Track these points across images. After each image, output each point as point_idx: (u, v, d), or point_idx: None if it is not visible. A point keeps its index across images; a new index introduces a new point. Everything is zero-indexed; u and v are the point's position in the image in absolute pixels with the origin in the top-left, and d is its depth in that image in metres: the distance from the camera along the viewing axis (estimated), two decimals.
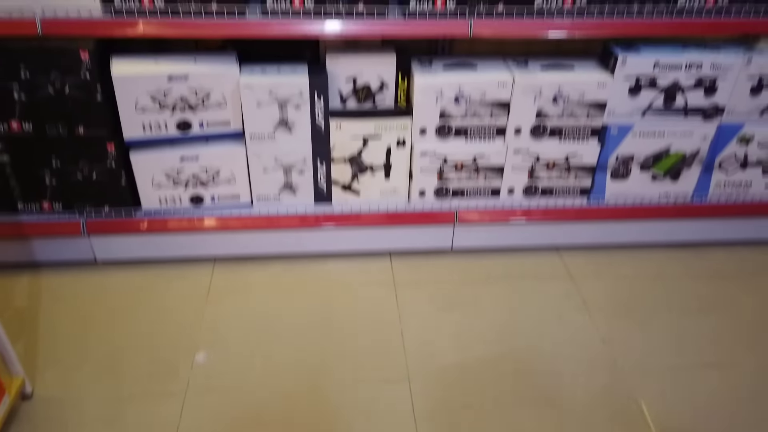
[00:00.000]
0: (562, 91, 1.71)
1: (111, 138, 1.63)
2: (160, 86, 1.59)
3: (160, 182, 1.73)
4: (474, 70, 1.73)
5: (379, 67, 1.71)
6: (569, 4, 1.60)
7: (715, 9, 1.63)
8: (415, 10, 1.58)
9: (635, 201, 1.92)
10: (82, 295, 1.76)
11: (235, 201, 1.82)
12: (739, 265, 1.97)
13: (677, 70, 1.69)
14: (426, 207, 1.88)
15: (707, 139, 1.81)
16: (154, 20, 1.51)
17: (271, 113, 1.68)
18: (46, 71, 1.53)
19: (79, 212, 1.74)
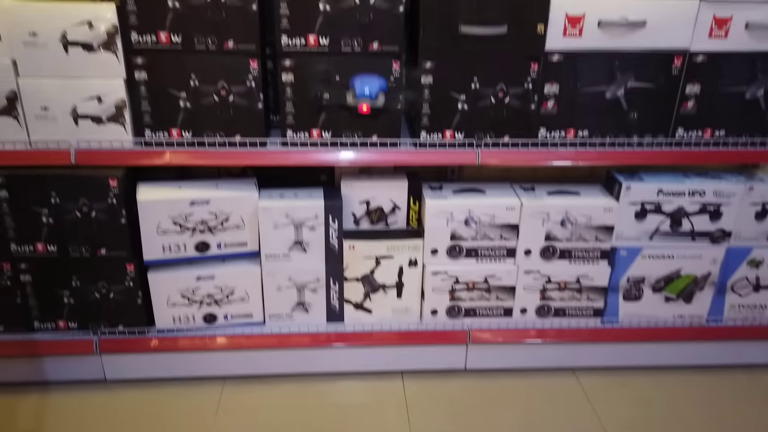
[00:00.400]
0: (569, 215, 1.75)
1: (131, 259, 1.68)
2: (183, 210, 1.66)
3: (175, 301, 1.76)
4: (483, 195, 1.79)
5: (391, 191, 1.79)
6: (572, 136, 1.69)
7: (713, 141, 1.70)
8: (425, 141, 1.67)
9: (649, 322, 1.90)
10: (89, 417, 1.72)
11: (248, 319, 1.83)
12: (760, 389, 1.90)
13: (681, 196, 1.74)
14: (438, 326, 1.88)
15: (717, 262, 1.82)
16: (181, 150, 1.61)
17: (287, 234, 1.73)
18: (75, 197, 1.61)
19: (93, 331, 1.76)
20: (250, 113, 1.61)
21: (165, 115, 1.59)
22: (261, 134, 1.63)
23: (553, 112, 1.67)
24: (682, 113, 1.68)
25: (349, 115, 1.61)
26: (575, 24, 1.57)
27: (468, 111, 1.65)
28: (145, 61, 1.54)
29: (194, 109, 1.59)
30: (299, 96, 1.60)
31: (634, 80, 1.64)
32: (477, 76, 1.61)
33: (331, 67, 1.57)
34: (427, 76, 1.61)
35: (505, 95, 1.64)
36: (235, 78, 1.57)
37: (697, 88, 1.65)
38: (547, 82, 1.63)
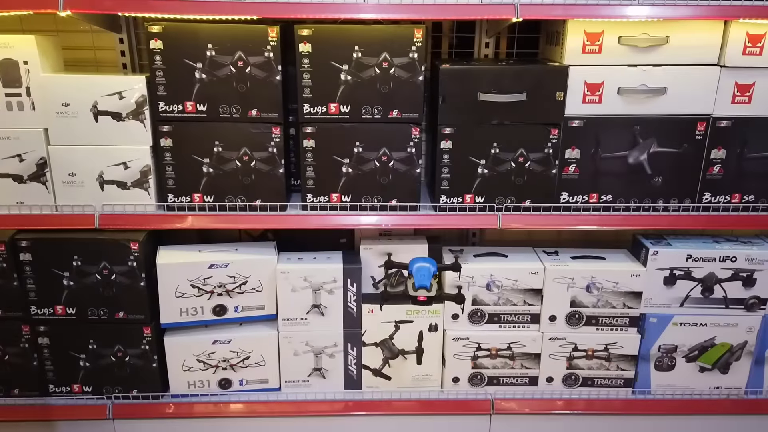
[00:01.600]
0: (595, 281, 1.70)
1: (149, 322, 1.68)
2: (201, 273, 1.66)
3: (191, 365, 1.73)
4: (505, 259, 1.75)
5: (411, 255, 1.76)
6: (595, 200, 1.66)
7: (742, 205, 1.66)
8: (445, 204, 1.66)
9: (684, 394, 1.80)
10: None
11: (264, 385, 1.78)
12: None
13: (711, 262, 1.68)
14: (460, 395, 1.80)
15: (754, 330, 1.74)
16: (203, 214, 1.62)
17: (305, 298, 1.71)
18: (97, 261, 1.62)
19: (107, 396, 1.73)
20: (272, 178, 1.63)
21: (188, 180, 1.62)
22: (282, 198, 1.65)
23: (574, 176, 1.65)
24: (708, 178, 1.64)
25: (369, 179, 1.63)
26: (594, 91, 1.58)
27: (488, 175, 1.64)
28: (171, 129, 1.58)
29: (217, 174, 1.61)
30: (320, 161, 1.62)
31: (657, 145, 1.62)
32: (497, 141, 1.62)
33: (351, 133, 1.60)
34: (447, 142, 1.62)
35: (525, 160, 1.63)
36: (257, 145, 1.60)
37: (723, 153, 1.62)
38: (568, 147, 1.63)
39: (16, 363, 1.70)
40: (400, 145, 1.62)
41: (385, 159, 1.63)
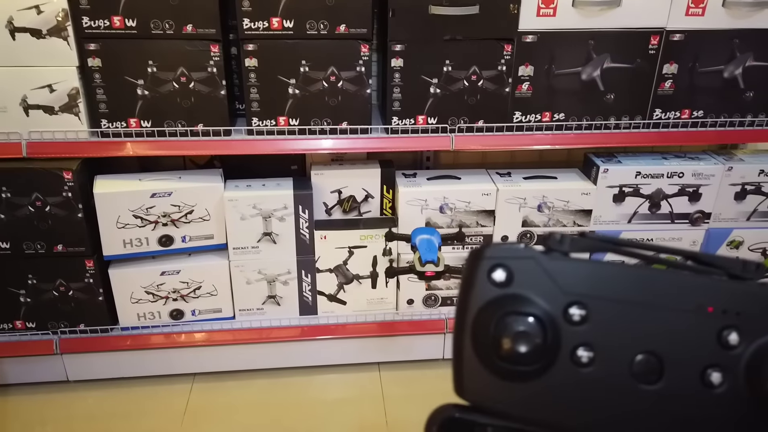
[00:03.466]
0: (546, 200, 1.71)
1: (90, 255, 1.61)
2: (144, 203, 1.58)
3: (139, 297, 1.69)
4: (458, 182, 1.74)
5: (363, 179, 1.73)
6: (548, 119, 1.64)
7: (691, 121, 1.67)
8: (397, 127, 1.61)
9: None
10: (52, 419, 1.66)
11: (217, 314, 1.76)
12: None
13: (659, 178, 1.71)
14: (415, 316, 1.83)
15: (697, 244, 1.80)
16: (141, 141, 1.53)
17: (256, 226, 1.66)
18: (28, 192, 1.53)
19: (52, 331, 1.68)
20: (213, 101, 1.53)
21: (122, 104, 1.51)
22: (225, 123, 1.56)
23: (528, 94, 1.62)
24: (660, 94, 1.64)
25: (317, 100, 1.55)
26: (549, 3, 1.51)
27: (441, 95, 1.59)
28: (98, 48, 1.46)
29: (153, 97, 1.51)
30: (264, 82, 1.53)
31: (610, 61, 1.59)
32: (449, 59, 1.56)
33: (296, 51, 1.51)
34: (398, 59, 1.55)
35: (478, 78, 1.58)
36: (195, 64, 1.49)
37: (675, 67, 1.61)
38: (522, 64, 1.58)
39: None
40: (348, 64, 1.54)
41: (334, 79, 1.55)
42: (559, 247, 0.32)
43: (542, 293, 0.31)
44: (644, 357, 0.30)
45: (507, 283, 0.31)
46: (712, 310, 0.30)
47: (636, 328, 0.30)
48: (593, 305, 0.31)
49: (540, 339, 0.30)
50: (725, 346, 0.29)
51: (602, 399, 0.30)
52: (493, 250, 0.32)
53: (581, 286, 0.31)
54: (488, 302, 0.31)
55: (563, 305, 0.31)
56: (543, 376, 0.30)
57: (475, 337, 0.31)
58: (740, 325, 0.29)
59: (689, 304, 0.30)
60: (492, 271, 0.32)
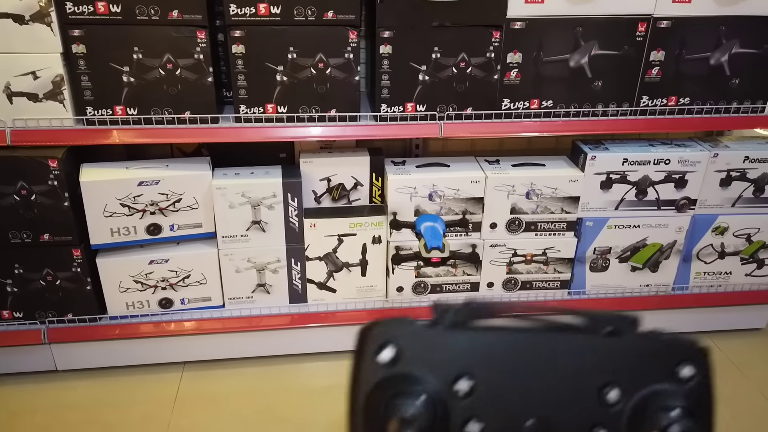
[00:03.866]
0: (535, 187, 1.72)
1: (77, 244, 1.60)
2: (131, 191, 1.57)
3: (127, 286, 1.68)
4: (447, 169, 1.74)
5: (353, 167, 1.72)
6: (536, 106, 1.65)
7: (677, 108, 1.68)
8: (386, 114, 1.61)
9: (616, 293, 1.89)
10: (41, 409, 1.65)
11: (206, 303, 1.76)
12: (726, 355, 1.92)
13: (646, 165, 1.72)
14: (405, 303, 1.84)
15: (683, 230, 1.81)
16: (128, 128, 1.52)
17: (244, 214, 1.66)
18: (13, 181, 1.51)
19: (40, 321, 1.67)
20: (200, 88, 1.52)
21: (108, 91, 1.49)
22: (212, 110, 1.55)
23: (516, 82, 1.62)
24: (647, 81, 1.65)
25: (305, 87, 1.55)
26: None
27: (429, 82, 1.59)
28: (82, 34, 1.44)
29: (139, 84, 1.49)
30: (251, 69, 1.52)
31: (598, 48, 1.59)
32: (438, 46, 1.55)
33: (283, 37, 1.49)
34: (386, 46, 1.55)
35: (467, 65, 1.58)
36: (181, 51, 1.48)
37: (662, 54, 1.62)
38: (510, 51, 1.58)
39: None
40: (337, 51, 1.53)
41: (322, 66, 1.54)
42: (444, 319, 0.31)
43: (430, 369, 0.30)
44: (533, 423, 0.30)
45: (394, 362, 0.31)
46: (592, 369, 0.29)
47: (523, 394, 0.30)
48: (480, 376, 0.30)
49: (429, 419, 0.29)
50: (606, 404, 0.30)
51: None
52: (380, 328, 0.31)
53: (467, 357, 0.30)
54: (377, 384, 0.31)
55: (451, 379, 0.30)
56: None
57: (367, 420, 0.31)
58: (618, 381, 0.30)
59: (570, 366, 0.30)
60: (379, 351, 0.31)
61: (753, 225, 1.83)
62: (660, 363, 0.30)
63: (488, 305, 0.30)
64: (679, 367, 0.31)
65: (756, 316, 2.01)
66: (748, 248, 1.86)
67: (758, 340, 2.00)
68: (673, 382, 0.30)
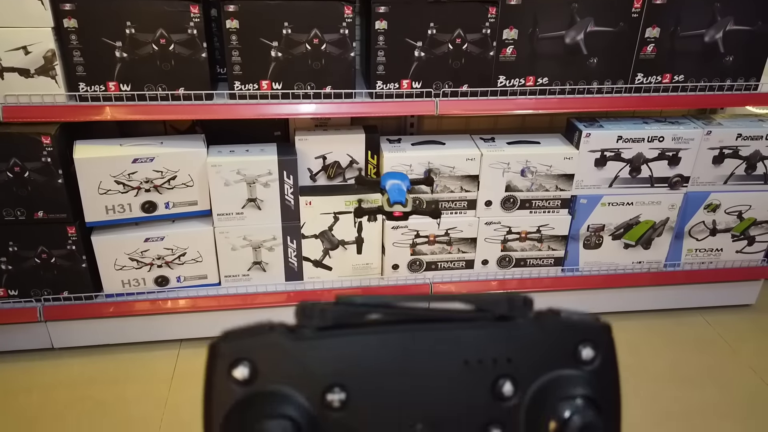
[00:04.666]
0: (529, 165, 1.72)
1: (72, 221, 1.59)
2: (125, 169, 1.56)
3: (123, 264, 1.68)
4: (442, 147, 1.74)
5: (347, 145, 1.72)
6: (531, 83, 1.64)
7: (672, 86, 1.68)
8: (381, 91, 1.60)
9: (609, 269, 1.91)
10: (38, 386, 1.66)
11: (202, 281, 1.76)
12: (717, 331, 1.95)
13: (640, 143, 1.73)
14: (400, 281, 1.85)
15: (675, 207, 1.83)
16: (121, 105, 1.50)
17: (240, 192, 1.66)
18: (6, 158, 1.49)
19: (36, 298, 1.67)
20: (194, 64, 1.51)
21: (100, 67, 1.48)
22: (206, 87, 1.54)
23: (512, 58, 1.61)
24: (642, 58, 1.65)
25: (300, 64, 1.54)
26: None
27: (425, 59, 1.58)
28: (74, 8, 1.42)
29: (132, 60, 1.48)
30: (246, 45, 1.51)
31: (593, 24, 1.59)
32: (433, 21, 1.54)
33: (277, 12, 1.48)
34: (382, 22, 1.54)
35: (463, 42, 1.57)
36: (175, 26, 1.46)
37: (657, 31, 1.62)
38: (506, 27, 1.58)
39: None
40: (331, 26, 1.52)
41: (317, 42, 1.53)
42: (308, 322, 0.27)
43: (293, 383, 0.27)
44: (419, 429, 0.26)
45: (251, 380, 0.27)
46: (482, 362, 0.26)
47: (405, 399, 0.26)
48: (353, 385, 0.26)
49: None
50: (501, 398, 0.26)
51: None
52: (231, 343, 0.27)
53: (337, 365, 0.27)
54: (233, 407, 0.27)
55: (320, 392, 0.27)
56: None
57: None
58: (513, 373, 0.27)
59: (457, 360, 0.27)
60: (233, 368, 0.27)
61: (745, 202, 1.84)
62: (558, 346, 0.27)
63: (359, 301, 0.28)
64: (578, 349, 0.27)
65: (746, 292, 2.04)
66: (739, 225, 1.88)
67: (748, 315, 2.04)
68: (573, 367, 0.27)
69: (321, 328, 0.28)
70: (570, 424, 0.24)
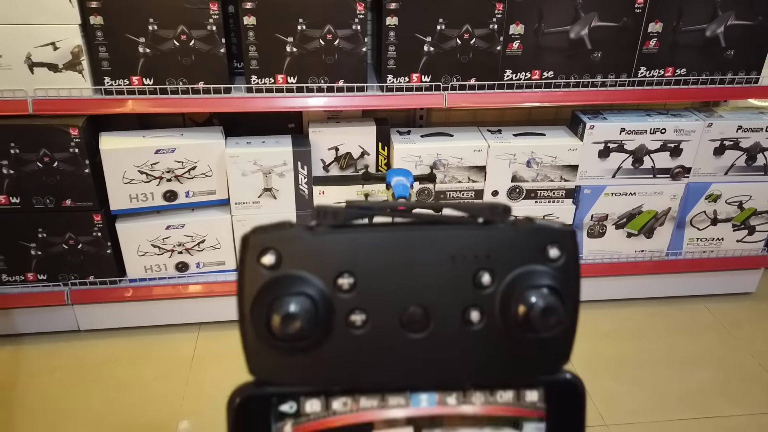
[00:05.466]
0: (535, 156, 1.78)
1: (97, 209, 1.67)
2: (148, 159, 1.64)
3: (145, 251, 1.76)
4: (450, 138, 1.80)
5: (359, 137, 1.79)
6: (537, 77, 1.70)
7: (674, 79, 1.73)
8: (392, 85, 1.67)
9: (612, 258, 1.97)
10: (64, 366, 1.75)
11: (221, 267, 1.84)
12: (717, 318, 2.01)
13: (643, 134, 1.78)
14: None
15: (677, 197, 1.89)
16: (143, 98, 1.58)
17: (256, 182, 1.73)
18: (36, 148, 1.58)
19: (63, 282, 1.76)
20: (213, 59, 1.58)
21: (124, 61, 1.55)
22: (225, 81, 1.61)
23: (518, 53, 1.67)
24: (645, 52, 1.70)
25: (314, 58, 1.60)
26: None
27: (434, 53, 1.64)
28: (100, 6, 1.49)
29: (154, 55, 1.55)
30: (262, 40, 1.57)
31: (597, 19, 1.64)
32: (442, 17, 1.60)
33: (293, 9, 1.54)
34: (393, 18, 1.60)
35: (471, 37, 1.63)
36: (195, 22, 1.53)
37: (659, 26, 1.67)
38: (512, 22, 1.63)
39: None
40: (344, 22, 1.58)
41: (330, 37, 1.59)
42: (323, 221, 0.34)
43: (311, 269, 0.33)
44: (412, 310, 0.33)
45: (277, 266, 0.33)
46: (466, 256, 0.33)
47: (401, 285, 0.33)
48: (360, 272, 0.33)
49: (312, 315, 0.32)
50: (480, 287, 0.33)
51: (379, 354, 0.33)
52: (260, 235, 0.33)
53: (347, 255, 0.33)
54: (262, 287, 0.33)
55: (332, 277, 0.33)
56: (323, 346, 0.33)
57: (255, 322, 0.34)
58: (491, 266, 0.33)
59: (445, 255, 0.33)
60: (261, 256, 0.33)
61: (745, 192, 1.89)
62: (530, 246, 0.33)
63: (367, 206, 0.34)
64: (547, 248, 0.33)
65: (747, 281, 2.09)
66: (739, 215, 1.93)
67: (749, 303, 2.09)
68: (541, 263, 0.33)
69: (334, 225, 0.33)
70: (535, 307, 0.31)
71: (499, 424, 0.33)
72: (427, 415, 0.33)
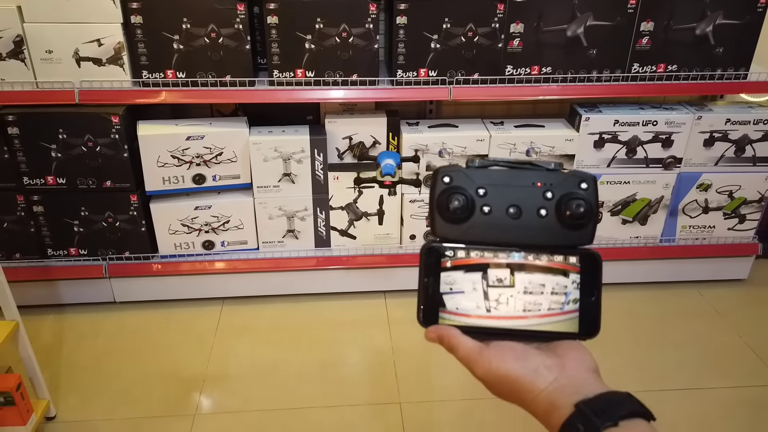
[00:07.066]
0: (534, 146, 1.92)
1: (134, 190, 1.85)
2: (180, 145, 1.81)
3: (176, 229, 1.93)
4: (456, 129, 1.95)
5: (371, 127, 1.94)
6: (536, 72, 1.84)
7: (666, 75, 1.86)
8: (402, 79, 1.81)
9: (608, 243, 2.10)
10: (102, 333, 1.93)
11: (243, 246, 2.01)
12: (709, 302, 2.11)
13: (636, 126, 1.91)
14: (417, 249, 2.05)
15: (669, 186, 2.00)
16: (176, 90, 1.75)
17: (277, 167, 1.89)
18: (81, 133, 1.76)
19: (102, 257, 1.94)
20: (239, 54, 1.74)
21: (160, 56, 1.72)
22: (249, 74, 1.77)
23: (518, 50, 1.81)
24: (638, 49, 1.82)
25: (330, 54, 1.76)
26: None
27: (440, 50, 1.79)
28: (140, 6, 1.66)
29: (187, 50, 1.72)
30: (284, 37, 1.73)
31: (592, 19, 1.77)
32: (448, 17, 1.75)
33: (311, 10, 1.70)
34: (402, 17, 1.74)
35: (474, 35, 1.77)
36: (224, 21, 1.70)
37: (651, 25, 1.79)
38: (513, 22, 1.77)
39: (14, 230, 1.88)
40: (358, 21, 1.73)
41: (345, 35, 1.75)
42: (473, 164, 0.59)
43: (466, 185, 0.58)
44: (512, 207, 0.57)
45: (450, 182, 0.58)
46: (540, 184, 0.57)
47: (508, 195, 0.57)
48: (489, 187, 0.58)
49: (465, 205, 0.57)
50: (545, 198, 0.57)
51: (497, 228, 0.58)
52: (444, 169, 0.59)
53: (483, 180, 0.58)
54: (442, 191, 0.58)
55: (475, 188, 0.57)
56: (469, 221, 0.58)
57: (439, 207, 0.58)
58: (552, 189, 0.57)
59: (530, 182, 0.57)
60: (443, 177, 0.58)
61: (735, 182, 2.00)
62: (572, 181, 0.56)
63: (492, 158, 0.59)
64: (580, 183, 0.56)
65: (739, 267, 2.19)
66: (730, 204, 2.04)
67: (740, 289, 2.19)
68: (577, 190, 0.56)
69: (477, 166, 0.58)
70: (574, 209, 0.55)
71: (555, 273, 0.57)
72: (517, 263, 0.57)
